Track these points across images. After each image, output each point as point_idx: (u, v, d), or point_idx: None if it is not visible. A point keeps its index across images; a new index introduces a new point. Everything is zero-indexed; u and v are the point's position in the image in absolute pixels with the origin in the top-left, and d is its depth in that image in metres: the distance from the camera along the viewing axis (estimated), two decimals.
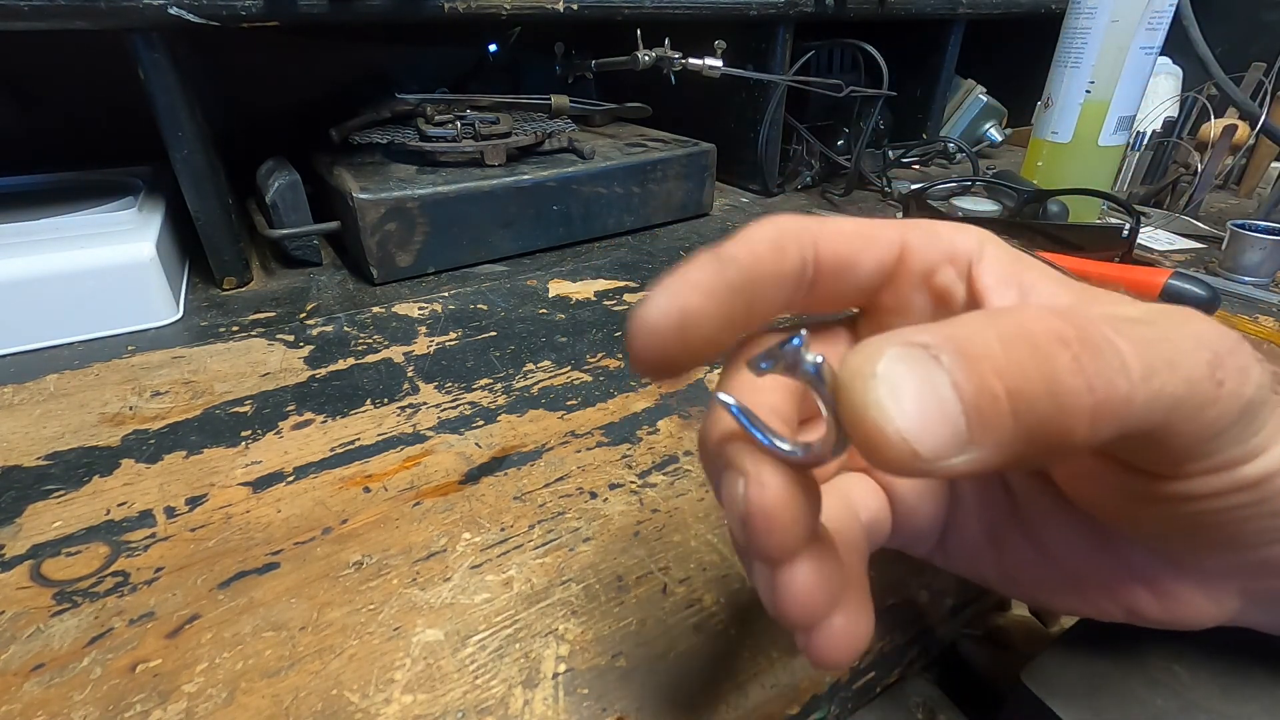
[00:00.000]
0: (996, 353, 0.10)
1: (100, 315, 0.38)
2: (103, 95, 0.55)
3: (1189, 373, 0.11)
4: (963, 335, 0.11)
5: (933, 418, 0.10)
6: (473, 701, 0.18)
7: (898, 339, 0.11)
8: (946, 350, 0.10)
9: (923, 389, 0.10)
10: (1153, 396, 0.11)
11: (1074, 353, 0.10)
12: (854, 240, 0.16)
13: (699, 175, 0.57)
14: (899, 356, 0.10)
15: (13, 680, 0.19)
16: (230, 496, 0.26)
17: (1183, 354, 0.11)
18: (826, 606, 0.13)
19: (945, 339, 0.10)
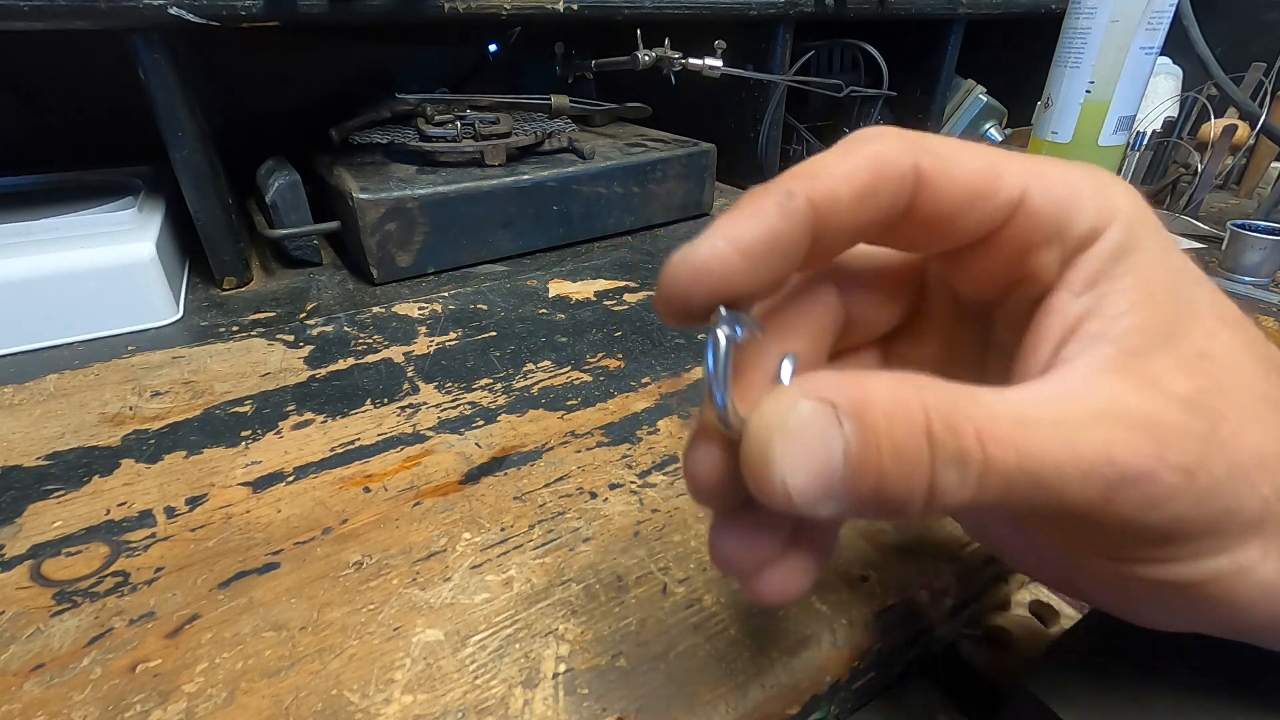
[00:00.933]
0: (884, 432, 0.11)
1: (100, 315, 0.38)
2: (103, 95, 0.55)
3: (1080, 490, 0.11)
4: (870, 403, 0.11)
5: (817, 477, 0.11)
6: (473, 701, 0.18)
7: (814, 390, 0.11)
8: (850, 418, 0.11)
9: (817, 451, 0.11)
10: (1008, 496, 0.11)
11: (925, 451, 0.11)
12: (967, 192, 0.13)
13: (699, 175, 0.57)
14: (811, 414, 0.11)
15: (13, 680, 0.19)
16: (230, 496, 0.26)
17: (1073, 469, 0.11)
18: (755, 564, 0.14)
19: (853, 404, 0.11)
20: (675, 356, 0.36)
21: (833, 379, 0.12)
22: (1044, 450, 0.11)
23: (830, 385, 0.11)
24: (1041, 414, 0.12)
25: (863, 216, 0.13)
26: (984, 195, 0.13)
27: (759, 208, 0.13)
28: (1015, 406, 0.12)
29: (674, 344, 0.38)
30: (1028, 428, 0.11)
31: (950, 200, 0.13)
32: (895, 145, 0.13)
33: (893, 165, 0.13)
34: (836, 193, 0.13)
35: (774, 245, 0.13)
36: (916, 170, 0.13)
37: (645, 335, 0.38)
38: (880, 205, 0.13)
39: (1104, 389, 0.12)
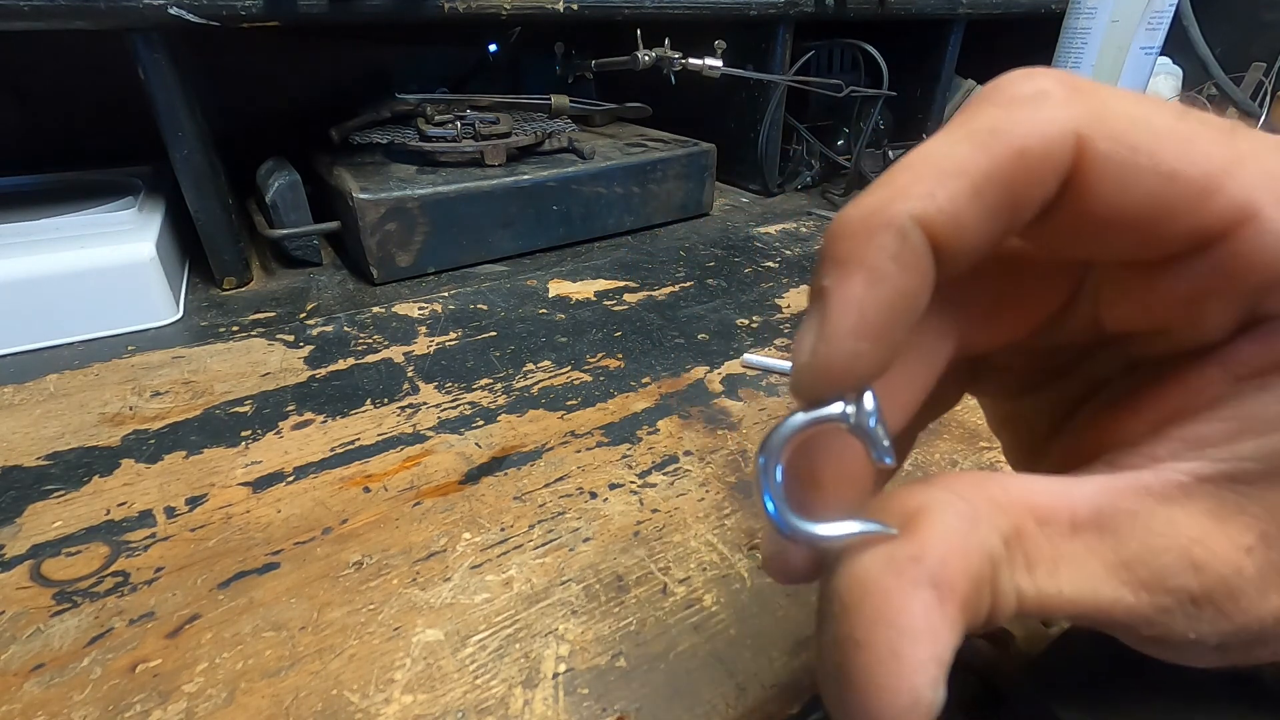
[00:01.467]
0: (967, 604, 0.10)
1: (100, 315, 0.38)
2: (103, 95, 0.55)
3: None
4: (955, 579, 0.10)
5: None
6: (473, 701, 0.18)
7: (936, 655, 0.10)
8: (943, 602, 0.10)
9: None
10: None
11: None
12: (1158, 199, 0.09)
13: (699, 175, 0.57)
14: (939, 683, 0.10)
15: (13, 680, 0.19)
16: (230, 496, 0.26)
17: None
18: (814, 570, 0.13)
19: (947, 585, 0.10)
20: (675, 356, 0.36)
21: (938, 611, 0.10)
22: (1059, 595, 0.11)
23: (947, 631, 0.10)
24: (1073, 551, 0.11)
25: (997, 229, 0.10)
26: (1179, 212, 0.10)
27: (873, 268, 0.10)
28: (1055, 539, 0.11)
29: (674, 344, 0.38)
30: (1053, 575, 0.11)
31: (1121, 209, 0.10)
32: (1054, 119, 0.09)
33: (1042, 161, 0.09)
34: (960, 215, 0.10)
35: (906, 309, 0.10)
36: (1081, 155, 0.09)
37: (645, 335, 0.38)
38: (1020, 212, 0.10)
39: (1149, 532, 0.11)
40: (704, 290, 0.44)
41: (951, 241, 0.10)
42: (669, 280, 0.46)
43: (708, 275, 0.47)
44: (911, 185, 0.10)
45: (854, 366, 0.10)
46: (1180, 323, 0.11)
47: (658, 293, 0.44)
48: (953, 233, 0.10)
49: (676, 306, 0.42)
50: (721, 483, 0.27)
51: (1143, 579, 0.11)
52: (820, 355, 0.10)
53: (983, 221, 0.10)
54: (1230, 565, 0.10)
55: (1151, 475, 0.11)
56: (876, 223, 0.10)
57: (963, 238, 0.10)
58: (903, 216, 0.10)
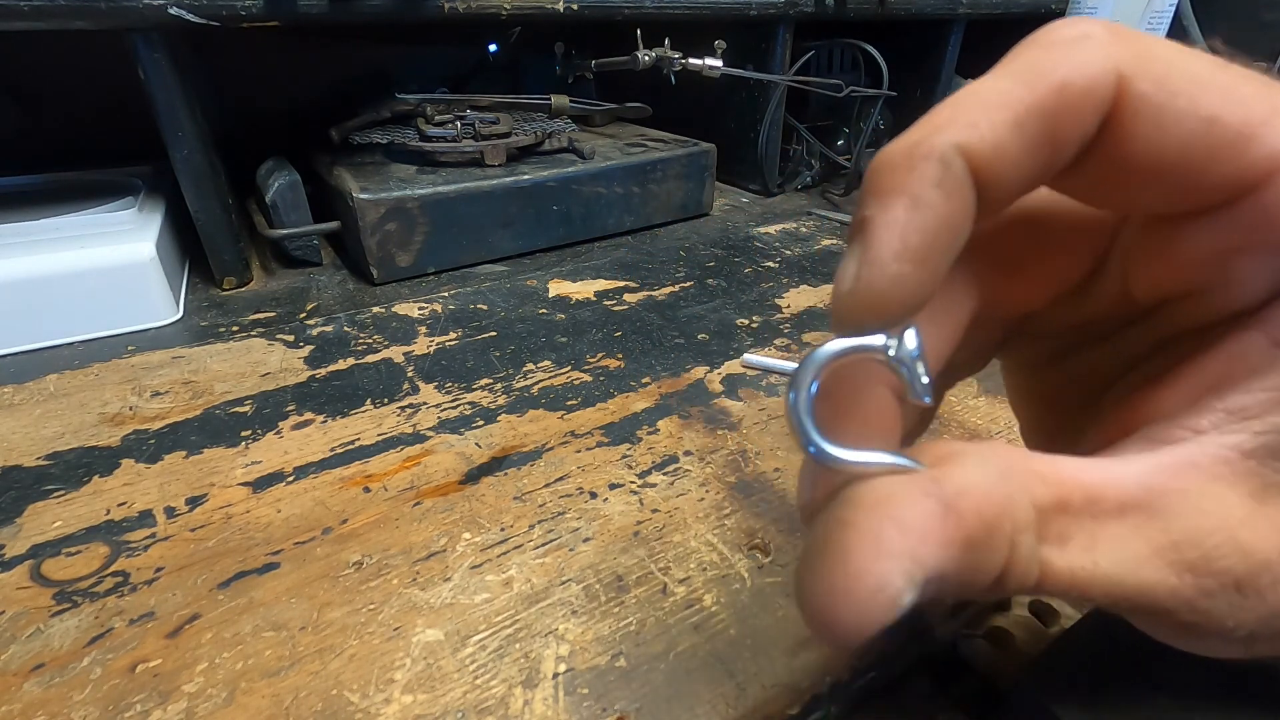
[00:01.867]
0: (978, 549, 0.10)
1: (100, 315, 0.38)
2: (103, 95, 0.55)
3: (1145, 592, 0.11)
4: (967, 554, 0.10)
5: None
6: (473, 701, 0.18)
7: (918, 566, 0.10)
8: (940, 578, 0.10)
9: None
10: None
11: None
12: (1197, 142, 0.09)
13: (699, 175, 0.57)
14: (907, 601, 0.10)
15: (13, 680, 0.19)
16: (230, 496, 0.26)
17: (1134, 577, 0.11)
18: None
19: (954, 562, 0.10)
20: (675, 356, 0.36)
21: (937, 531, 0.10)
22: (1093, 577, 0.11)
23: (934, 548, 0.10)
24: (1116, 534, 0.11)
25: (1039, 165, 0.10)
26: (1216, 159, 0.09)
27: (916, 194, 0.10)
28: (1099, 518, 0.11)
29: (674, 344, 0.38)
30: (1090, 553, 0.11)
31: (1158, 153, 0.10)
32: (1095, 59, 0.09)
33: (1083, 96, 0.09)
34: (1004, 145, 0.10)
35: (949, 237, 0.10)
36: (1122, 94, 0.10)
37: (645, 335, 0.38)
38: (1064, 149, 0.10)
39: (1197, 512, 0.10)
40: (704, 290, 0.44)
41: (993, 172, 0.10)
42: (669, 280, 0.46)
43: (708, 275, 0.47)
44: (955, 117, 0.10)
45: (897, 292, 0.10)
46: (1211, 282, 0.11)
47: (658, 293, 0.44)
48: (994, 163, 0.10)
49: (676, 306, 0.42)
50: (721, 483, 0.27)
51: (1190, 561, 0.10)
52: (863, 280, 0.10)
53: (1024, 154, 0.10)
54: (1275, 548, 0.10)
55: (1199, 450, 0.11)
56: (919, 153, 0.10)
57: (1004, 169, 0.10)
58: (945, 145, 0.10)
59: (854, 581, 0.10)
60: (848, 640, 0.10)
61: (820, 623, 0.10)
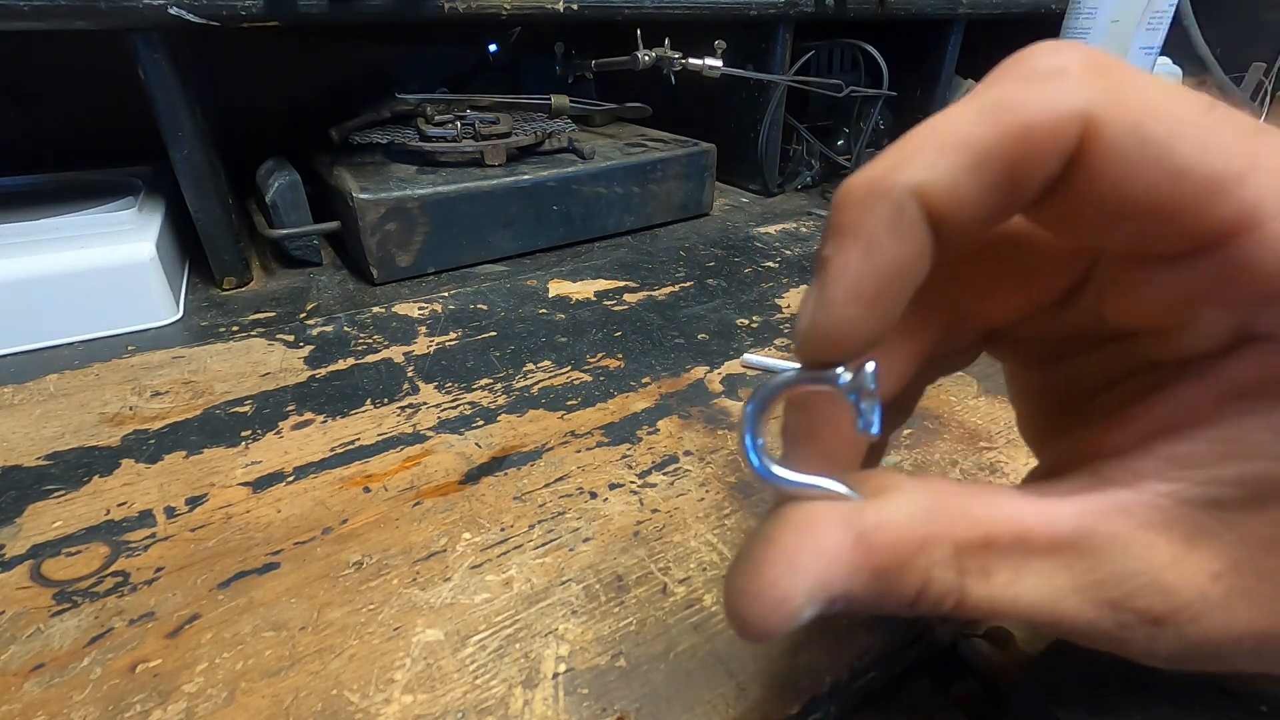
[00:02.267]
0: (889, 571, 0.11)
1: (100, 315, 0.38)
2: (103, 95, 0.55)
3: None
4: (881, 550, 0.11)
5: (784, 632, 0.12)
6: (473, 701, 0.18)
7: (821, 586, 0.11)
8: (849, 598, 0.11)
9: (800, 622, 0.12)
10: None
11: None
12: (1168, 193, 0.09)
13: (699, 175, 0.57)
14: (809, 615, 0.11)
15: (13, 680, 0.19)
16: (230, 496, 0.26)
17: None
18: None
19: (865, 585, 0.11)
20: (675, 356, 0.36)
21: (845, 559, 0.11)
22: (1014, 603, 0.11)
23: (842, 573, 0.11)
24: (1042, 568, 0.11)
25: (996, 204, 0.10)
26: (1184, 211, 0.09)
27: (870, 238, 0.10)
28: (1029, 553, 0.11)
29: (674, 344, 0.38)
30: (1013, 586, 0.11)
31: (1125, 199, 0.09)
32: (1069, 98, 0.09)
33: (1051, 137, 0.09)
34: (959, 188, 0.10)
35: (902, 278, 0.10)
36: (1088, 135, 0.09)
37: (645, 335, 0.38)
38: (1022, 190, 0.10)
39: (1125, 556, 0.11)
40: (704, 290, 0.44)
41: (950, 213, 0.10)
42: (669, 280, 0.46)
43: (708, 275, 0.47)
44: (915, 155, 0.10)
45: (849, 333, 0.11)
46: (1174, 325, 0.11)
47: (658, 293, 0.44)
48: (951, 205, 0.10)
49: (676, 306, 0.42)
50: (721, 483, 0.27)
51: (1110, 598, 0.11)
52: (818, 321, 0.11)
53: (983, 196, 0.10)
54: (1197, 590, 0.11)
55: (1133, 496, 0.11)
56: (875, 192, 0.10)
57: (961, 210, 0.10)
58: (900, 187, 0.10)
59: (763, 590, 0.11)
60: (754, 638, 0.11)
61: (733, 618, 0.12)
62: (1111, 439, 0.12)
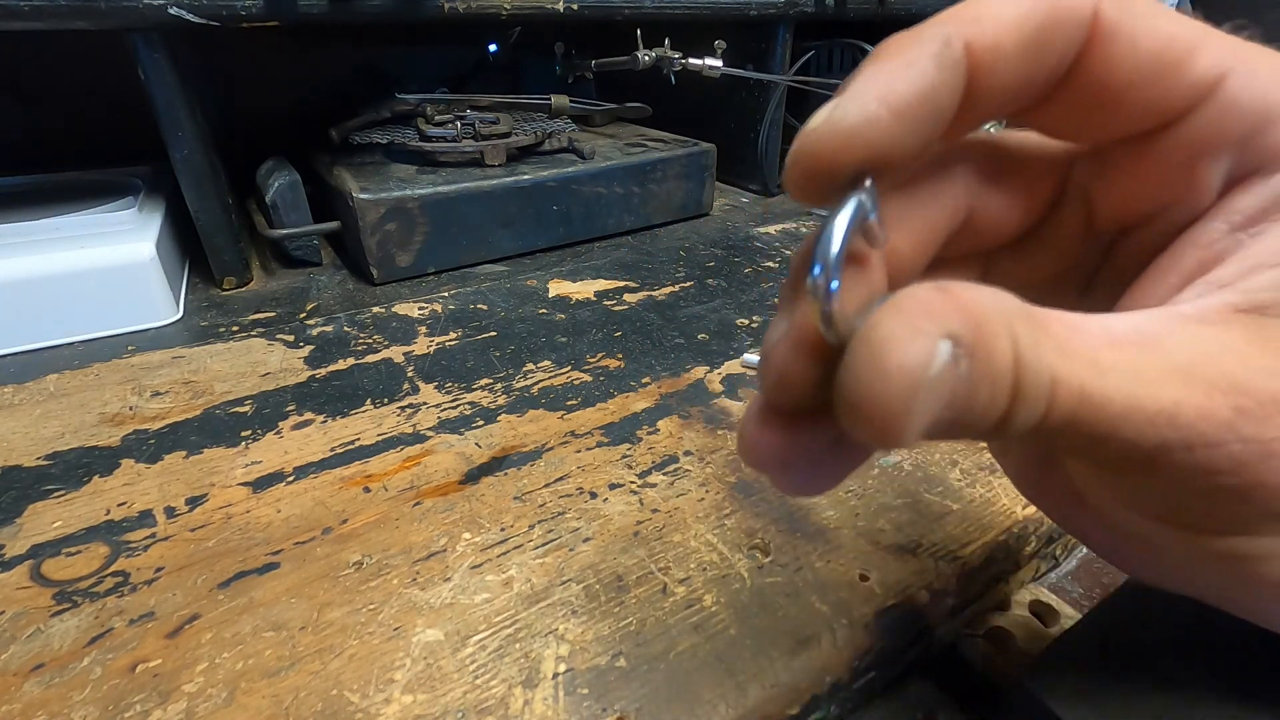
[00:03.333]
0: (990, 374, 0.09)
1: (100, 315, 0.38)
2: (103, 95, 0.55)
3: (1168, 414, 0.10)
4: (985, 340, 0.09)
5: (929, 422, 0.10)
6: (473, 701, 0.18)
7: (943, 321, 0.09)
8: (969, 357, 0.09)
9: (944, 399, 0.09)
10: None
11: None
12: (1152, 60, 0.11)
13: (699, 175, 0.57)
14: (947, 361, 0.09)
15: (13, 680, 0.19)
16: (230, 496, 0.26)
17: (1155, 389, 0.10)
18: (795, 461, 0.12)
19: (973, 339, 0.09)
20: (675, 356, 0.36)
21: (949, 303, 0.10)
22: (1106, 398, 0.10)
23: (954, 314, 0.09)
24: (1118, 358, 0.10)
25: (1026, 73, 0.11)
26: (1172, 69, 0.11)
27: (911, 59, 0.10)
28: (1094, 343, 0.10)
29: (674, 344, 0.38)
30: (1097, 369, 0.10)
31: (1128, 67, 0.11)
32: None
33: (1070, 13, 0.11)
34: (1001, 42, 0.11)
35: (931, 105, 0.10)
36: (1096, 19, 0.11)
37: (645, 335, 0.38)
38: (1049, 61, 0.11)
39: (1199, 341, 0.10)
40: (704, 290, 0.44)
41: (988, 69, 0.11)
42: (669, 280, 0.46)
43: (708, 275, 0.47)
44: (961, 13, 0.11)
45: (868, 132, 0.10)
46: (1176, 194, 0.12)
47: (658, 293, 0.44)
48: (990, 59, 0.11)
49: (676, 306, 0.42)
50: (721, 483, 0.27)
51: (1211, 378, 0.10)
52: (836, 115, 0.10)
53: (1016, 58, 0.11)
54: (1253, 377, 0.10)
55: (1184, 305, 0.11)
56: (924, 33, 0.11)
57: (997, 70, 0.11)
58: (950, 32, 0.10)
59: (889, 339, 0.09)
60: (900, 408, 0.09)
61: (871, 401, 0.09)
62: (1137, 304, 0.12)
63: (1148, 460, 0.10)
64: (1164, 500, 0.11)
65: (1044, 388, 0.10)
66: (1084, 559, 0.27)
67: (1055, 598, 0.24)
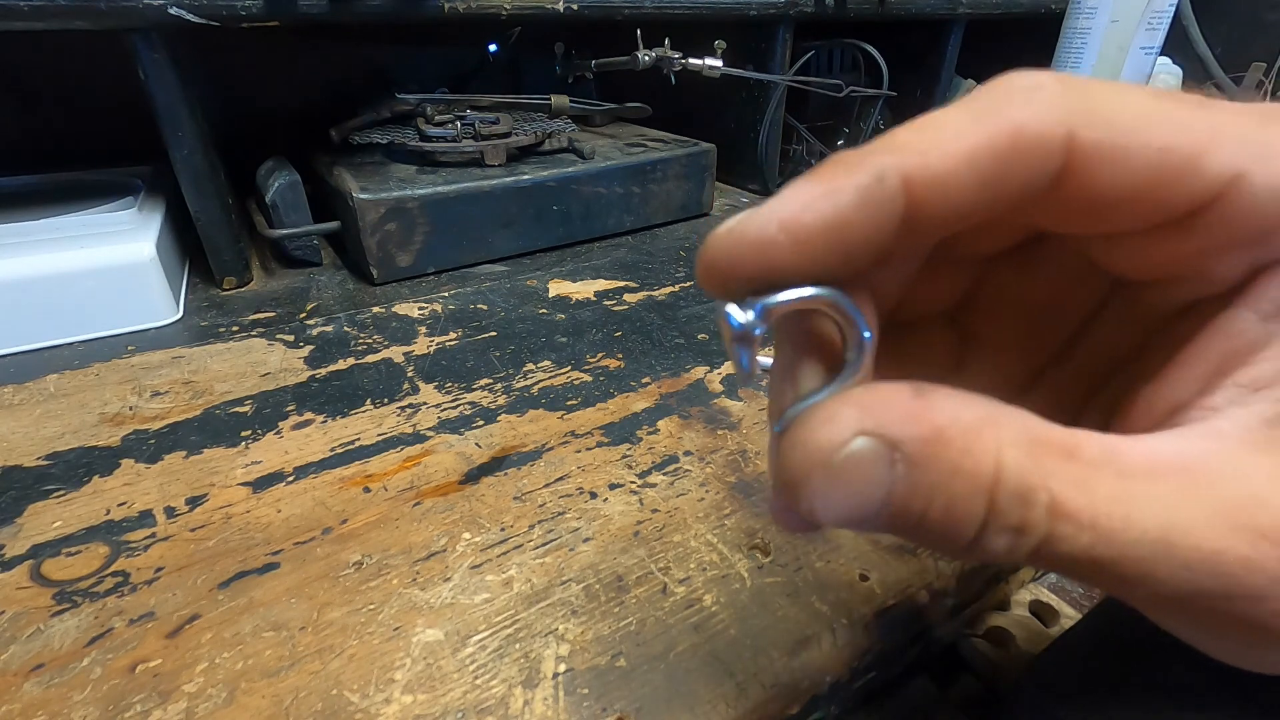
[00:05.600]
0: (940, 486, 0.09)
1: (100, 315, 0.38)
2: (103, 95, 0.55)
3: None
4: (936, 452, 0.09)
5: (852, 513, 0.10)
6: (473, 701, 0.18)
7: (875, 422, 0.09)
8: (908, 464, 0.09)
9: (860, 493, 0.10)
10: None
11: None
12: (1149, 178, 0.10)
13: (699, 175, 0.57)
14: (865, 455, 0.09)
15: (13, 680, 0.19)
16: (230, 496, 0.26)
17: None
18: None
19: (918, 447, 0.09)
20: (675, 356, 0.36)
21: (900, 404, 0.09)
22: (1131, 539, 0.09)
23: (897, 415, 0.09)
24: (1154, 491, 0.09)
25: (982, 201, 0.10)
26: (1173, 179, 0.10)
27: (836, 188, 0.10)
28: (1131, 469, 0.09)
29: (674, 344, 0.38)
30: (1123, 504, 0.09)
31: (1119, 184, 0.10)
32: (1050, 107, 0.10)
33: (1036, 143, 0.10)
34: (947, 177, 0.10)
35: (840, 236, 0.10)
36: (1071, 145, 0.10)
37: (645, 335, 0.38)
38: (1010, 189, 0.10)
39: (1242, 475, 0.09)
40: (704, 290, 0.44)
41: (932, 203, 0.10)
42: (669, 280, 0.46)
43: None
44: (910, 142, 0.10)
45: (765, 252, 0.10)
46: (1187, 271, 0.11)
47: (658, 293, 0.44)
48: (935, 195, 0.10)
49: (676, 306, 0.42)
50: (721, 483, 0.27)
51: (1262, 526, 0.09)
52: (739, 228, 0.10)
53: (968, 190, 0.10)
54: None
55: (1223, 421, 0.10)
56: (864, 161, 0.10)
57: (944, 202, 0.10)
58: (888, 165, 0.10)
59: (806, 418, 0.10)
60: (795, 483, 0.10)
61: (776, 472, 0.10)
62: (1162, 397, 0.11)
63: (1182, 600, 0.09)
64: (1198, 628, 0.11)
65: (1036, 516, 0.09)
66: None
67: (1055, 598, 0.24)
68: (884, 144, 0.10)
